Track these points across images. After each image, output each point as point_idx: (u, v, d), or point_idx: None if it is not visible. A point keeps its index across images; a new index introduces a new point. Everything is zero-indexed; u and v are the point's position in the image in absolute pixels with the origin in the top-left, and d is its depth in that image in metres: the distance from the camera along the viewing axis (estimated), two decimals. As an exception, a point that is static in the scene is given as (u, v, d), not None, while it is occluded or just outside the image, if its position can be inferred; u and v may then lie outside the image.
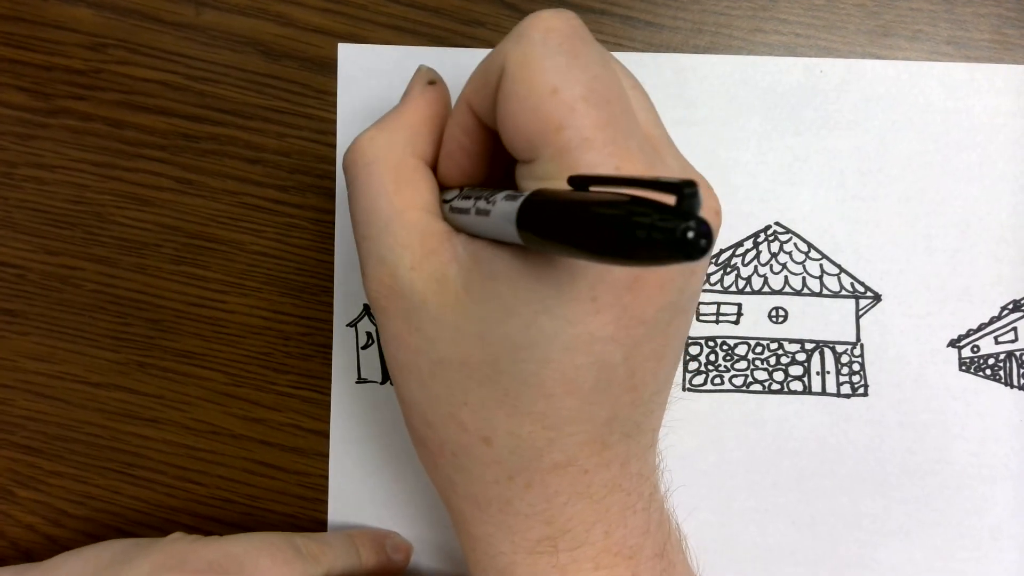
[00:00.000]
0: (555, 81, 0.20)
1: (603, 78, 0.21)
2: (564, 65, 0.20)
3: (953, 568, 0.33)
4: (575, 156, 0.20)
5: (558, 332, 0.21)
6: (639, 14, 0.33)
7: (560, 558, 0.23)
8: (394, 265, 0.23)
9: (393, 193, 0.23)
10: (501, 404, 0.22)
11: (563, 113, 0.20)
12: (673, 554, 0.25)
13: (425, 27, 0.33)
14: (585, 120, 0.20)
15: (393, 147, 0.24)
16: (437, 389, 0.23)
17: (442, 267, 0.22)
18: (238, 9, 0.34)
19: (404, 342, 0.23)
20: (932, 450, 0.33)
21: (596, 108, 0.20)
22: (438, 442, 0.24)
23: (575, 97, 0.20)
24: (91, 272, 0.35)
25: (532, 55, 0.21)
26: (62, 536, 0.35)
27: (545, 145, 0.20)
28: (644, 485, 0.25)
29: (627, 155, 0.20)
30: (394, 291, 0.23)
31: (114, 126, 0.34)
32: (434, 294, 0.22)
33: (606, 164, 0.20)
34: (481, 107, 0.23)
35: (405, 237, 0.23)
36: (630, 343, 0.21)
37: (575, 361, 0.21)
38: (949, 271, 0.33)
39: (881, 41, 0.33)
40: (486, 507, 0.24)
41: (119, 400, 0.35)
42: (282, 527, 0.35)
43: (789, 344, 0.34)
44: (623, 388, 0.22)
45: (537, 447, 0.23)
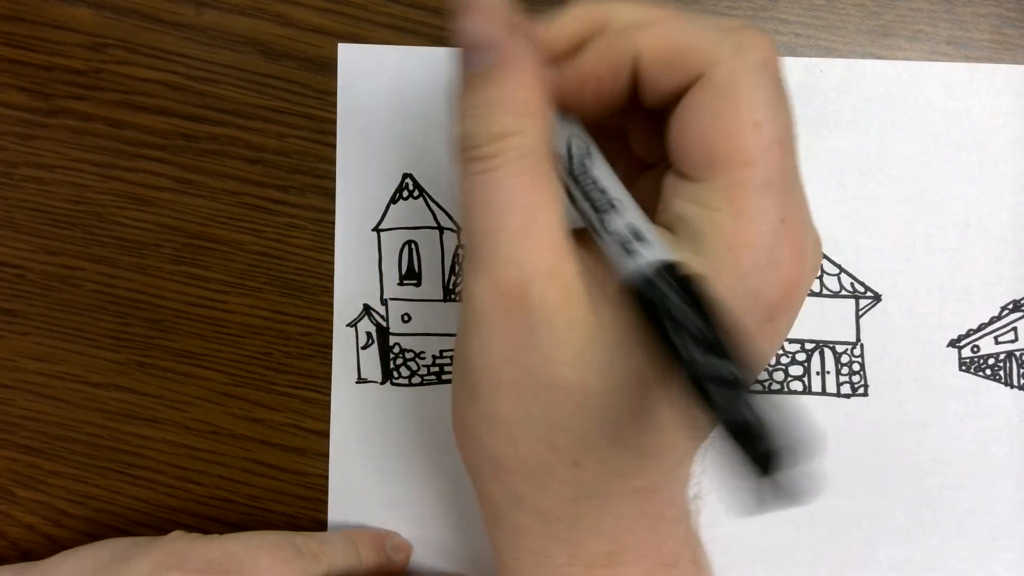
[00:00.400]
0: (761, 115, 0.19)
1: (792, 121, 0.20)
2: (772, 100, 0.20)
3: (953, 568, 0.33)
4: (750, 198, 0.19)
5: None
6: (639, 14, 0.33)
7: (616, 572, 0.23)
8: (530, 272, 0.20)
9: (533, 189, 0.20)
10: (603, 433, 0.21)
11: (758, 151, 0.19)
12: (701, 559, 0.25)
13: (425, 27, 0.33)
14: (775, 164, 0.19)
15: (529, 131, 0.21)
16: (536, 409, 0.21)
17: (574, 281, 0.20)
18: (238, 9, 0.34)
19: (513, 358, 0.21)
20: (932, 450, 0.33)
21: (786, 153, 0.20)
22: (518, 459, 0.22)
23: (773, 138, 0.19)
24: (91, 272, 0.35)
25: (747, 80, 0.19)
26: (62, 536, 0.35)
27: (723, 174, 0.19)
28: (686, 497, 0.25)
29: (793, 209, 0.20)
30: (514, 298, 0.20)
31: (114, 126, 0.34)
32: (563, 310, 0.20)
33: (774, 213, 0.19)
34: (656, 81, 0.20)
35: (542, 242, 0.20)
36: None
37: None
38: (949, 271, 0.33)
39: (881, 41, 0.33)
40: (554, 523, 0.23)
41: (119, 400, 0.35)
42: (282, 527, 0.35)
43: (789, 344, 0.34)
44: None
45: (626, 474, 0.22)
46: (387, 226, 0.34)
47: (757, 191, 0.19)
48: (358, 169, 0.34)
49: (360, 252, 0.34)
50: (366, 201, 0.34)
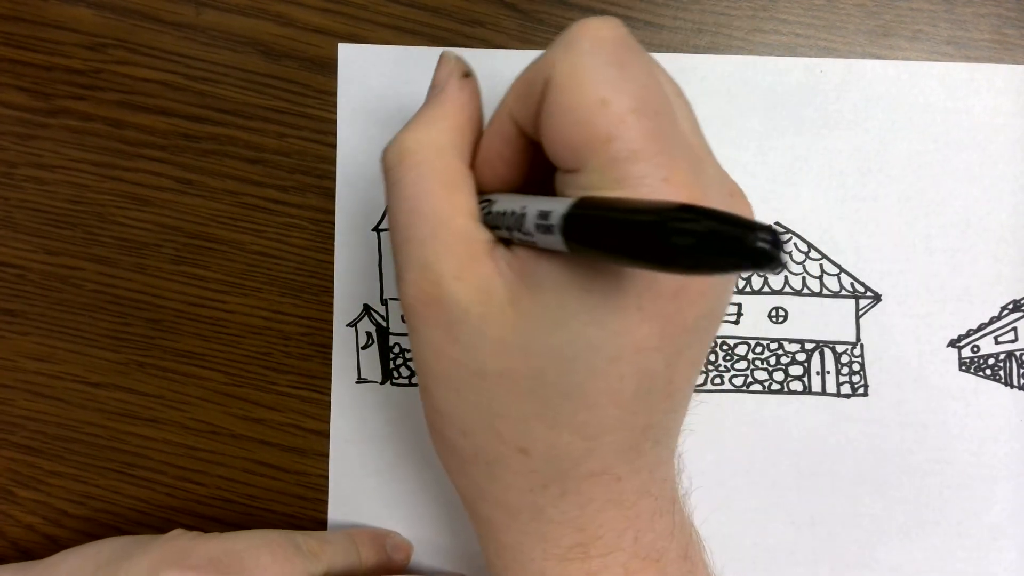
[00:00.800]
0: (605, 93, 0.20)
1: (651, 88, 0.21)
2: (614, 76, 0.20)
3: (953, 568, 0.33)
4: (623, 167, 0.20)
5: (605, 343, 0.21)
6: (639, 14, 0.33)
7: (591, 564, 0.23)
8: (439, 273, 0.22)
9: (441, 198, 0.23)
10: (541, 416, 0.22)
11: (612, 125, 0.20)
12: (695, 555, 0.25)
13: (425, 27, 0.33)
14: (634, 132, 0.20)
15: (441, 149, 0.23)
16: (474, 399, 0.23)
17: (487, 278, 0.22)
18: (238, 9, 0.34)
19: (442, 352, 0.23)
20: (932, 450, 0.33)
21: (645, 119, 0.20)
22: (472, 451, 0.24)
23: (624, 109, 0.20)
24: (91, 272, 0.35)
25: (581, 65, 0.20)
26: (62, 536, 0.35)
27: (593, 156, 0.20)
28: (669, 489, 0.25)
29: (674, 167, 0.20)
30: (435, 299, 0.22)
31: (114, 126, 0.34)
32: (478, 305, 0.22)
33: (654, 175, 0.20)
34: (524, 117, 0.22)
35: (452, 244, 0.22)
36: (672, 351, 0.21)
37: (620, 371, 0.21)
38: (949, 271, 0.33)
39: (881, 41, 0.33)
40: (517, 515, 0.24)
41: (119, 400, 0.35)
42: (282, 527, 0.34)
43: (789, 344, 0.34)
44: (661, 395, 0.22)
45: (574, 457, 0.22)
46: (387, 226, 0.34)
47: (627, 161, 0.20)
48: (358, 169, 0.34)
49: (360, 252, 0.34)
50: (366, 201, 0.34)
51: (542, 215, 0.20)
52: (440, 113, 0.24)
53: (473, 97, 0.25)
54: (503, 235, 0.22)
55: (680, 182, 0.20)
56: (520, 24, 0.33)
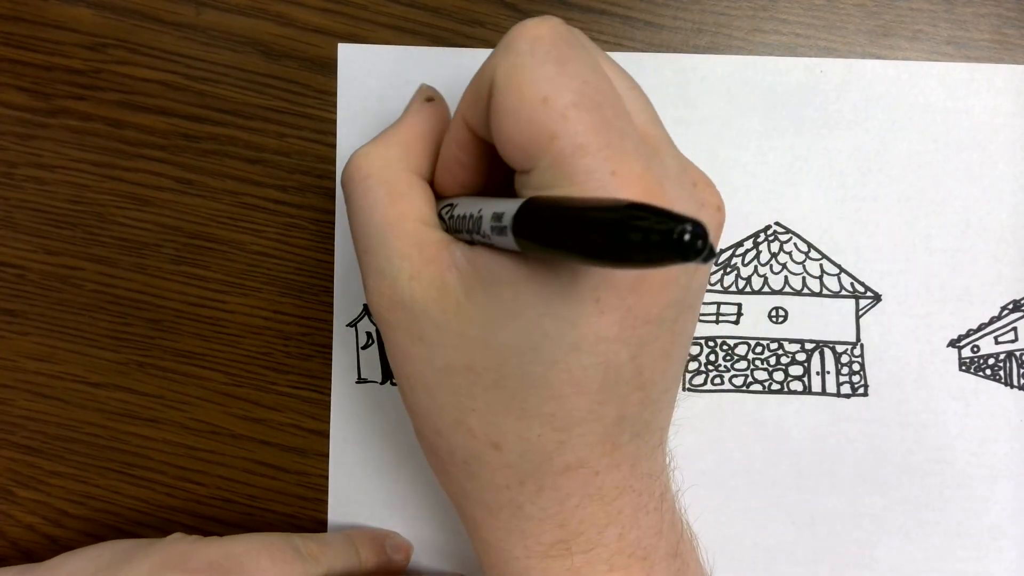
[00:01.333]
0: (545, 90, 0.20)
1: (593, 82, 0.21)
2: (553, 73, 0.20)
3: (953, 568, 0.33)
4: (571, 163, 0.20)
5: (563, 333, 0.21)
6: (639, 14, 0.33)
7: (574, 561, 0.23)
8: (393, 277, 0.23)
9: (388, 205, 0.24)
10: (509, 408, 0.22)
11: (555, 121, 0.20)
12: (687, 554, 0.25)
13: (425, 27, 0.33)
14: (578, 126, 0.20)
15: (388, 161, 0.24)
16: (444, 397, 0.23)
17: (441, 275, 0.23)
18: (238, 9, 0.34)
19: (408, 352, 0.23)
20: (932, 450, 0.33)
21: (588, 113, 0.20)
22: (448, 450, 0.24)
23: (566, 104, 0.20)
24: (91, 272, 0.35)
25: (520, 66, 0.21)
26: (62, 536, 0.35)
27: (540, 155, 0.20)
28: (655, 485, 0.25)
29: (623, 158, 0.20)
30: (395, 302, 0.23)
31: (114, 126, 0.34)
32: (435, 301, 0.22)
33: (602, 168, 0.20)
34: (475, 121, 0.23)
35: (402, 248, 0.23)
36: (636, 342, 0.21)
37: (581, 361, 0.21)
38: (949, 271, 0.33)
39: (881, 41, 0.33)
40: (498, 512, 0.24)
41: (119, 400, 0.35)
42: (282, 527, 0.35)
43: (789, 344, 0.34)
44: (631, 387, 0.22)
45: (547, 450, 0.23)
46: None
47: (573, 156, 0.20)
48: (358, 169, 0.34)
49: (360, 252, 0.34)
50: (366, 201, 0.34)
51: (496, 216, 0.20)
52: (391, 132, 0.25)
53: (430, 118, 0.26)
54: (465, 238, 0.23)
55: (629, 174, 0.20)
56: (520, 24, 0.33)
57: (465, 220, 0.22)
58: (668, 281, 0.21)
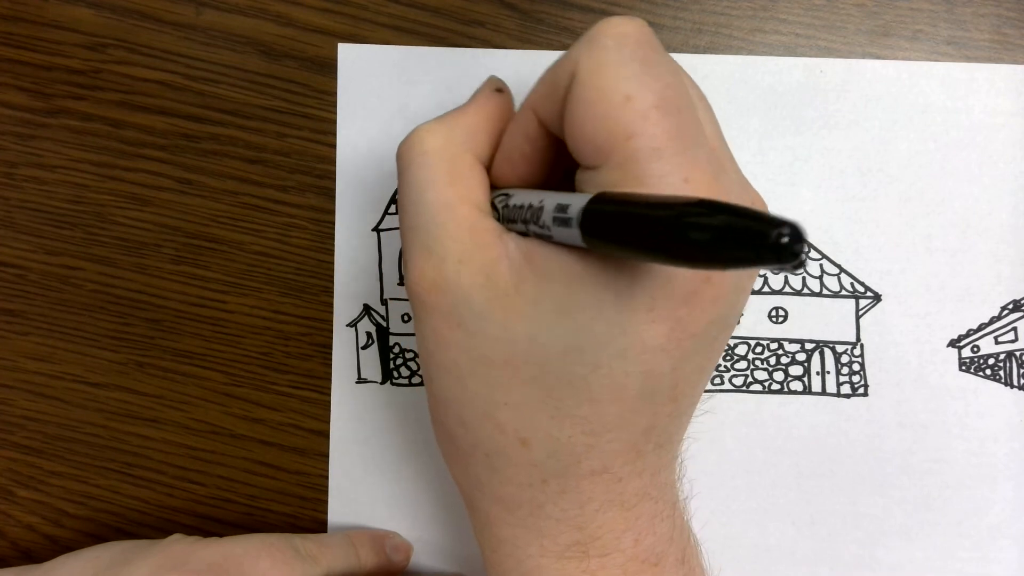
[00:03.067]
0: (628, 89, 0.20)
1: (675, 87, 0.21)
2: (638, 72, 0.20)
3: (953, 568, 0.33)
4: (643, 165, 0.20)
5: (612, 339, 0.21)
6: (639, 14, 0.33)
7: (590, 564, 0.23)
8: (441, 257, 0.22)
9: (446, 185, 0.23)
10: (543, 406, 0.22)
11: (635, 121, 0.20)
12: (692, 559, 0.25)
13: (425, 27, 0.33)
14: (657, 129, 0.20)
15: (451, 141, 0.24)
16: (476, 387, 0.23)
17: (492, 263, 0.22)
18: (238, 9, 0.34)
19: (443, 338, 0.23)
20: (932, 450, 0.33)
21: (668, 117, 0.20)
22: (471, 441, 0.24)
23: (648, 105, 0.20)
24: (91, 272, 0.35)
25: (606, 61, 0.20)
26: (62, 536, 0.35)
27: (613, 152, 0.20)
28: (670, 493, 0.25)
29: (695, 167, 0.20)
30: (438, 284, 0.22)
31: (114, 126, 0.34)
32: (481, 289, 0.22)
33: (674, 174, 0.20)
34: (547, 113, 0.22)
35: (455, 229, 0.22)
36: (679, 355, 0.21)
37: (625, 369, 0.21)
38: (949, 271, 0.33)
39: (881, 41, 0.33)
40: (516, 509, 0.24)
41: (119, 400, 0.35)
42: (282, 527, 0.35)
43: (789, 344, 0.34)
44: (665, 399, 0.22)
45: (576, 452, 0.22)
46: (387, 226, 0.34)
47: (648, 159, 0.20)
48: (358, 169, 0.34)
49: (360, 252, 0.34)
50: (366, 201, 0.34)
51: (560, 208, 0.20)
52: (458, 114, 0.24)
53: (498, 107, 0.25)
54: (519, 229, 0.22)
55: (700, 183, 0.20)
56: (520, 24, 0.33)
57: (523, 210, 0.22)
58: (719, 297, 0.21)
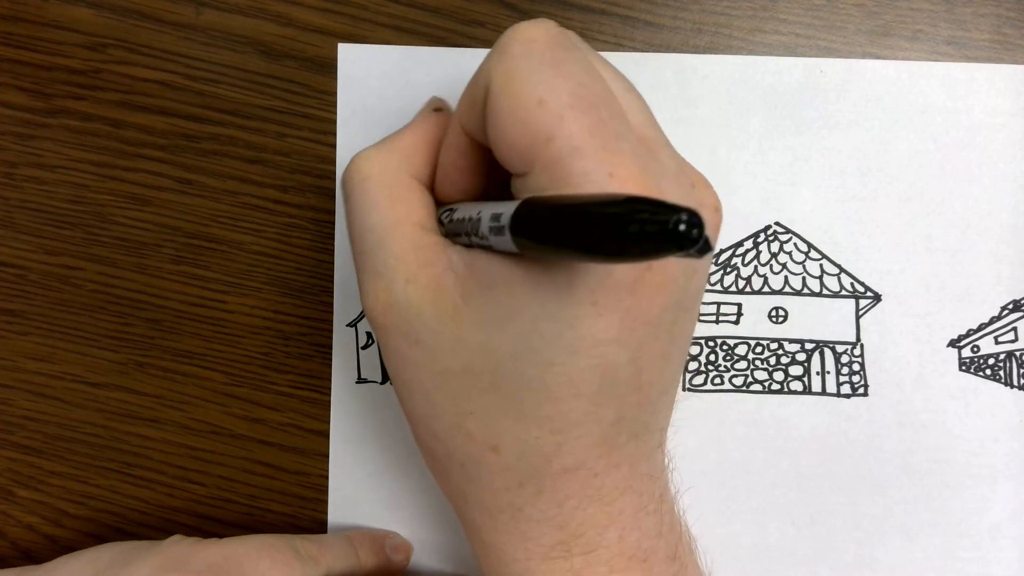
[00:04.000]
0: (540, 92, 0.20)
1: (588, 84, 0.21)
2: (548, 75, 0.20)
3: (953, 568, 0.33)
4: (567, 165, 0.20)
5: (559, 336, 0.21)
6: (639, 14, 0.33)
7: (574, 563, 0.23)
8: (389, 279, 0.23)
9: (386, 208, 0.24)
10: (506, 411, 0.22)
11: (551, 123, 0.20)
12: (685, 556, 0.25)
13: (425, 27, 0.33)
14: (574, 128, 0.20)
15: (388, 165, 0.24)
16: (441, 400, 0.23)
17: (438, 278, 0.22)
18: (238, 9, 0.34)
19: (404, 356, 0.23)
20: (932, 450, 0.33)
21: (584, 115, 0.20)
22: (446, 453, 0.24)
23: (562, 106, 0.20)
24: (91, 272, 0.35)
25: (515, 69, 0.21)
26: (62, 536, 0.35)
27: (537, 158, 0.20)
28: (654, 486, 0.25)
29: (619, 159, 0.20)
30: (390, 305, 0.23)
31: (114, 126, 0.34)
32: (431, 304, 0.22)
33: (598, 170, 0.20)
34: (472, 126, 0.23)
35: (399, 250, 0.23)
36: (634, 344, 0.21)
37: (578, 363, 0.21)
38: (949, 271, 0.33)
39: (881, 41, 0.33)
40: (498, 515, 0.24)
41: (119, 400, 0.35)
42: (282, 527, 0.35)
43: (789, 344, 0.34)
44: (629, 388, 0.22)
45: (545, 452, 0.22)
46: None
47: (570, 158, 0.20)
48: (358, 169, 0.34)
49: (360, 252, 0.34)
50: (366, 201, 0.34)
51: (494, 217, 0.20)
52: (395, 138, 0.25)
53: (435, 126, 0.26)
54: (463, 241, 0.23)
55: (626, 176, 0.20)
56: (520, 24, 0.33)
57: (464, 223, 0.22)
58: (666, 282, 0.21)
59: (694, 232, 0.14)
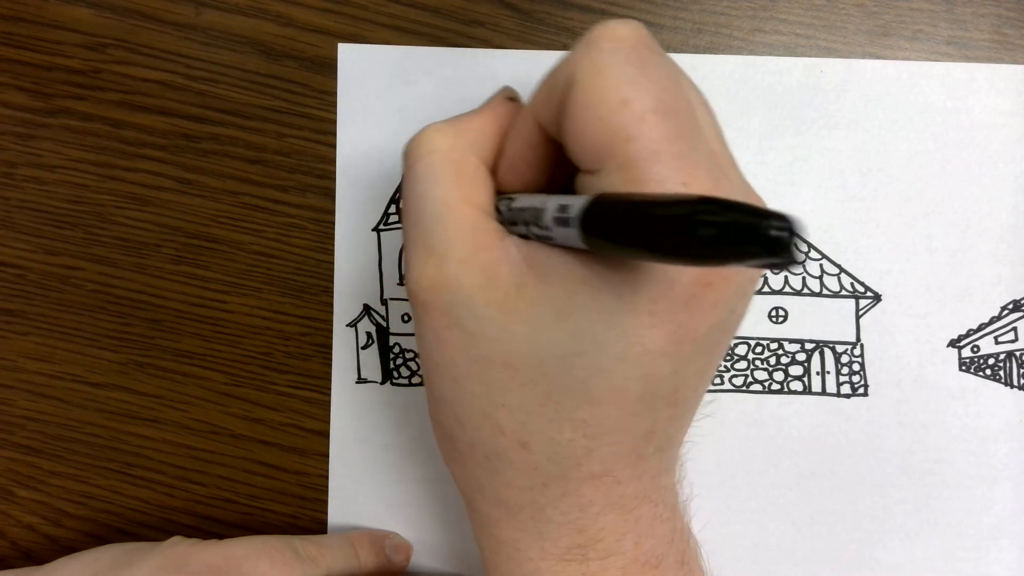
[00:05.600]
0: (625, 92, 0.20)
1: (672, 90, 0.21)
2: (634, 76, 0.20)
3: (953, 568, 0.33)
4: (642, 168, 0.20)
5: (613, 342, 0.21)
6: (639, 14, 0.33)
7: (590, 567, 0.23)
8: (442, 256, 0.22)
9: (451, 185, 0.23)
10: (543, 408, 0.22)
11: (633, 124, 0.20)
12: (692, 561, 0.25)
13: (425, 27, 0.33)
14: (654, 132, 0.20)
15: (458, 143, 0.24)
16: (474, 388, 0.23)
17: (493, 264, 0.22)
18: (238, 9, 0.34)
19: (442, 337, 0.23)
20: (932, 450, 0.33)
21: (665, 120, 0.20)
22: (469, 443, 0.24)
23: (645, 108, 0.20)
24: (91, 272, 0.35)
25: (602, 65, 0.20)
26: (62, 536, 0.35)
27: (612, 156, 0.20)
28: (670, 496, 0.25)
29: (694, 169, 0.20)
30: (438, 283, 0.22)
31: (114, 126, 0.34)
32: (482, 290, 0.22)
33: (673, 178, 0.20)
34: (547, 118, 0.22)
35: (457, 229, 0.22)
36: (680, 359, 0.21)
37: (625, 372, 0.21)
38: (949, 271, 0.33)
39: (881, 41, 0.33)
40: (517, 512, 0.24)
41: (119, 400, 0.35)
42: (282, 527, 0.35)
43: (789, 344, 0.34)
44: (666, 402, 0.22)
45: (576, 456, 0.22)
46: (387, 226, 0.34)
47: (646, 162, 0.20)
48: (358, 169, 0.34)
49: (360, 252, 0.34)
50: (366, 201, 0.34)
51: (561, 208, 0.20)
52: (468, 117, 0.25)
53: (508, 114, 0.25)
54: (521, 231, 0.22)
55: (699, 188, 0.20)
56: (520, 24, 0.33)
57: (525, 212, 0.22)
58: (719, 302, 0.21)
59: (787, 237, 0.14)
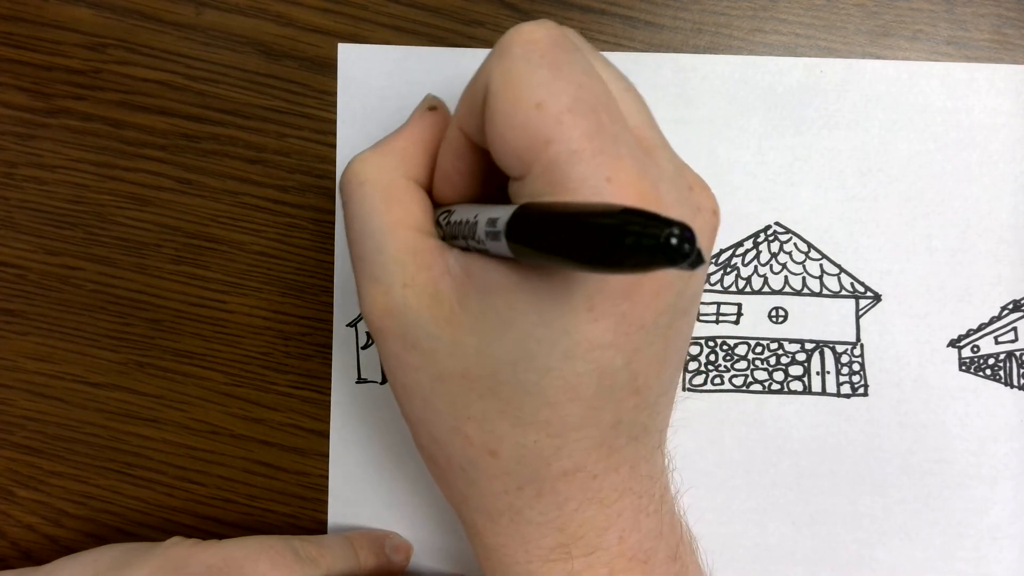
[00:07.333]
0: (539, 95, 0.20)
1: (588, 86, 0.21)
2: (547, 78, 0.20)
3: (953, 568, 0.33)
4: (564, 170, 0.20)
5: (556, 341, 0.21)
6: (639, 14, 0.33)
7: (575, 564, 0.23)
8: (388, 283, 0.23)
9: (383, 212, 0.23)
10: (504, 415, 0.22)
11: (549, 127, 0.20)
12: (686, 556, 0.25)
13: (425, 27, 0.33)
14: (573, 132, 0.20)
15: (384, 168, 0.24)
16: (440, 405, 0.23)
17: (435, 282, 0.22)
18: (238, 9, 0.34)
19: (403, 361, 0.23)
20: (932, 450, 0.33)
21: (583, 118, 0.20)
22: (446, 457, 0.24)
23: (561, 109, 0.20)
24: (91, 272, 0.35)
25: (514, 71, 0.20)
26: (62, 536, 0.35)
27: (535, 161, 0.20)
28: (654, 487, 0.25)
29: (617, 164, 0.20)
30: (389, 310, 0.23)
31: (114, 126, 0.34)
32: (428, 309, 0.22)
33: (596, 176, 0.20)
34: (471, 128, 0.22)
35: (396, 254, 0.23)
36: (631, 348, 0.21)
37: (575, 369, 0.21)
38: (949, 271, 0.33)
39: (881, 41, 0.33)
40: (498, 518, 0.24)
41: (119, 400, 0.35)
42: (282, 527, 0.35)
43: (789, 344, 0.34)
44: (626, 392, 0.22)
45: (544, 456, 0.22)
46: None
47: (568, 163, 0.20)
48: (358, 169, 0.34)
49: (360, 252, 0.34)
50: (366, 201, 0.34)
51: (491, 222, 0.20)
52: (390, 139, 0.25)
53: (431, 126, 0.25)
54: (461, 244, 0.23)
55: (624, 181, 0.20)
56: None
57: (461, 226, 0.22)
58: (662, 287, 0.21)
59: (686, 246, 0.14)
